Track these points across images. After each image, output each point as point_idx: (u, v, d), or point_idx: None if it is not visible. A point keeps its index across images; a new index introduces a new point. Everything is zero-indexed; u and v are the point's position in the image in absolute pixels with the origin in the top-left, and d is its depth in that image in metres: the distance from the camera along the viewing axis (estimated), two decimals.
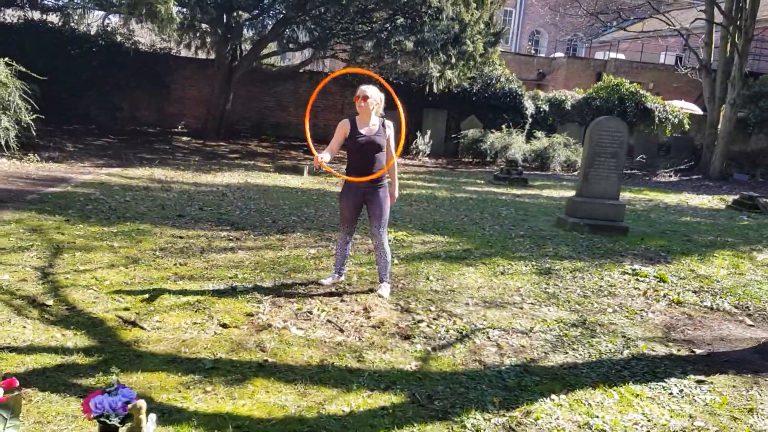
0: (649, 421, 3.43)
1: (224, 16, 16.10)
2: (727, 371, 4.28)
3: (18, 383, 2.39)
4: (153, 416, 2.16)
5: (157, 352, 3.74)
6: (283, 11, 17.17)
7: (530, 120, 21.66)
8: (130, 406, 2.22)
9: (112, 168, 11.89)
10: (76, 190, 9.07)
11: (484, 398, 3.51)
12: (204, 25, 17.07)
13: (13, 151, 11.14)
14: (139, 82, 19.56)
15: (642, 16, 25.15)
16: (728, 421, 3.51)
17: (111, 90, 19.18)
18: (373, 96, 5.05)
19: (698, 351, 4.68)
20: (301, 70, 20.58)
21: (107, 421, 2.31)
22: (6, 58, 11.08)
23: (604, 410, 3.51)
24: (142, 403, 2.19)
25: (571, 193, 9.79)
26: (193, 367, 3.58)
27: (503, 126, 20.05)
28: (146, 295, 4.71)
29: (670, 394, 3.82)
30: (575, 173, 19.94)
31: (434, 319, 4.76)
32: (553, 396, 3.62)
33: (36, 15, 19.53)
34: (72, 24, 18.80)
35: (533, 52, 38.18)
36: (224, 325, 4.27)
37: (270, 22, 18.40)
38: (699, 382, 4.05)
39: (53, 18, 19.27)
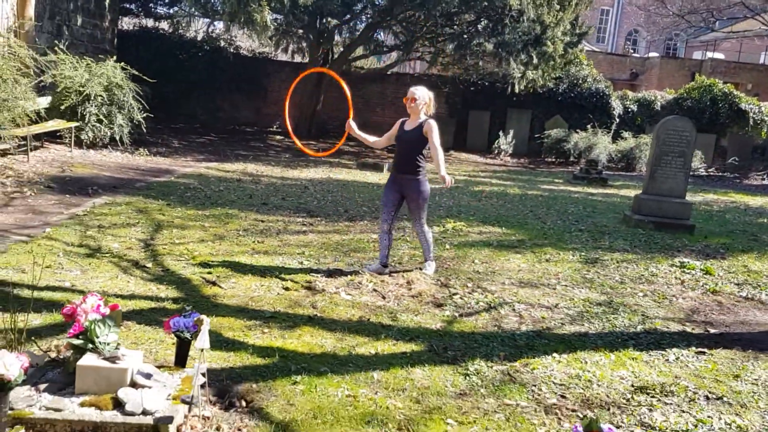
0: (635, 377, 3.95)
1: (317, 22, 17.16)
2: (732, 347, 4.68)
3: (120, 308, 3.26)
4: (207, 319, 2.96)
5: (229, 304, 4.61)
6: (372, 17, 18.07)
7: (617, 120, 21.57)
8: (196, 319, 3.04)
9: (211, 162, 13.14)
10: (178, 180, 10.26)
11: (492, 352, 4.14)
12: (300, 31, 18.26)
13: (126, 145, 12.61)
14: (239, 85, 21.08)
15: (736, 16, 24.30)
16: (710, 383, 3.97)
17: (214, 92, 20.79)
18: (422, 96, 5.58)
19: (713, 330, 5.08)
20: (388, 72, 21.45)
21: (181, 335, 3.15)
22: (122, 63, 12.55)
23: (597, 367, 4.05)
24: (204, 317, 3.00)
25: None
26: (256, 315, 4.42)
27: (588, 126, 20.10)
28: (226, 263, 5.62)
29: (666, 360, 4.30)
30: None
31: (469, 293, 5.40)
32: (555, 354, 4.20)
33: (149, 23, 21.50)
34: (181, 30, 20.56)
35: (631, 51, 37.44)
36: (286, 288, 5.10)
37: (360, 27, 19.34)
38: (699, 353, 4.49)
39: (164, 25, 21.13)
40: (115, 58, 13.03)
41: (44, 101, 11.26)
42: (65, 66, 11.76)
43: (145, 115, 12.68)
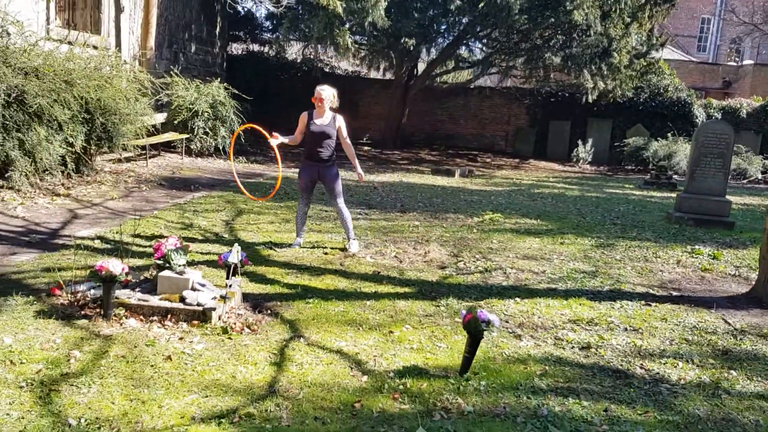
0: (573, 314, 5.07)
1: (398, 43, 18.72)
2: (680, 303, 5.64)
3: (190, 246, 4.81)
4: (236, 245, 4.43)
5: (278, 260, 6.13)
6: (454, 34, 19.42)
7: None
8: (232, 248, 4.53)
9: (298, 168, 14.89)
10: (265, 181, 12.05)
11: (466, 295, 5.38)
12: (388, 50, 19.91)
13: (228, 155, 14.61)
14: None
15: None
16: (635, 321, 5.02)
17: (310, 108, 22.83)
18: (326, 97, 6.49)
19: (675, 294, 6.02)
20: (471, 86, 22.69)
21: (227, 262, 4.66)
22: (225, 84, 14.62)
23: (546, 307, 5.20)
24: (236, 245, 4.49)
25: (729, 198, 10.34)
26: (295, 268, 5.90)
27: (669, 134, 20.42)
28: (285, 237, 7.15)
29: (611, 307, 5.36)
30: (744, 181, 19.72)
31: (473, 261, 6.63)
32: (516, 299, 5.38)
33: (256, 47, 23.94)
34: (281, 53, 22.79)
35: (736, 59, 36.52)
36: (325, 253, 6.56)
37: (443, 43, 20.72)
38: (645, 305, 5.50)
39: (266, 49, 23.49)
40: (219, 79, 15.11)
41: (161, 117, 13.44)
42: (178, 87, 13.92)
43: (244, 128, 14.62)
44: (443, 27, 19.22)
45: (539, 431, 3.13)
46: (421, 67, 21.91)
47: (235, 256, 4.33)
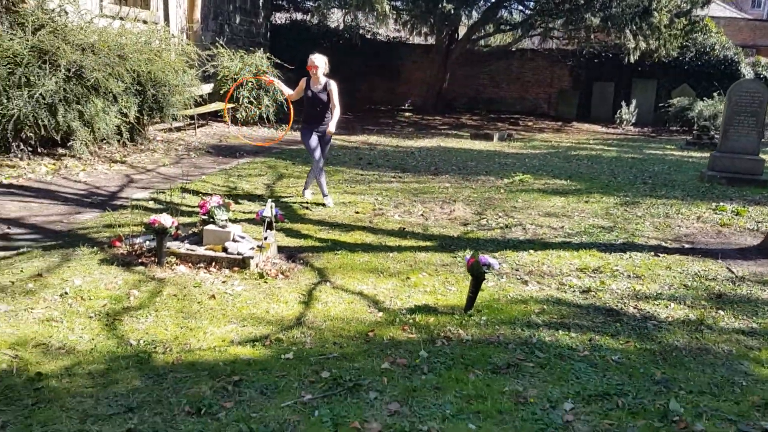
0: (581, 263, 5.47)
1: (437, 8, 18.90)
2: (689, 254, 5.96)
3: (232, 204, 5.39)
4: (270, 201, 4.97)
5: (312, 218, 6.68)
6: None
7: None
8: (269, 204, 5.08)
9: (340, 135, 15.40)
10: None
11: (483, 248, 5.83)
12: (426, 15, 20.09)
13: (272, 123, 15.23)
14: (374, 68, 23.36)
15: None
16: (640, 270, 5.38)
17: (352, 75, 23.19)
18: (320, 64, 7.21)
19: (687, 246, 6.33)
20: (513, 49, 22.67)
21: (263, 217, 5.21)
22: (267, 53, 15.16)
23: (556, 258, 5.61)
24: (270, 201, 5.03)
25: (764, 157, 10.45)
26: (327, 224, 6.45)
27: (714, 94, 20.11)
28: (318, 198, 7.71)
29: (621, 258, 5.73)
30: None
31: (496, 218, 7.05)
32: (531, 251, 5.80)
33: (299, 16, 24.39)
34: (324, 21, 23.20)
35: None
36: (357, 212, 7.07)
37: (483, 6, 20.76)
38: (654, 255, 5.85)
39: (308, 17, 23.93)
40: (263, 49, 15.66)
41: (207, 87, 14.07)
42: (223, 58, 14.53)
43: (286, 97, 15.17)
44: None
45: (527, 355, 3.61)
46: (462, 31, 22.03)
47: (269, 211, 4.89)
